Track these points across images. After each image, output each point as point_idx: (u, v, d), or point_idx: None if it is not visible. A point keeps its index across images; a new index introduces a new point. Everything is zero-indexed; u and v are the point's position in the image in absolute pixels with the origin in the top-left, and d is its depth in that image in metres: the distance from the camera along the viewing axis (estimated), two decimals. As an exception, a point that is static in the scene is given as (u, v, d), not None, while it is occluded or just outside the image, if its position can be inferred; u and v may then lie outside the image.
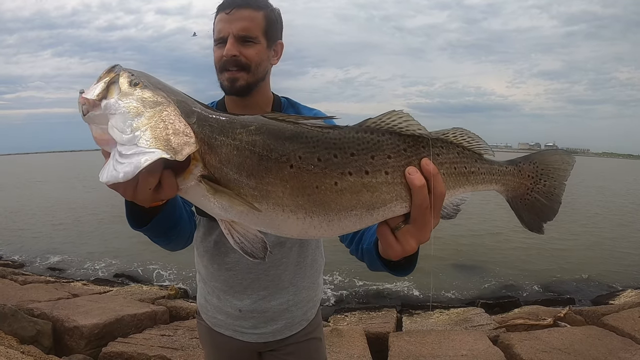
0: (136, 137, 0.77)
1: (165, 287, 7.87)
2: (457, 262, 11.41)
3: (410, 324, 6.07)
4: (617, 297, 7.92)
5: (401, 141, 0.86)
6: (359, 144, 0.84)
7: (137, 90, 0.83)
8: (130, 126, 0.78)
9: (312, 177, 0.81)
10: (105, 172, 0.76)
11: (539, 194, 1.03)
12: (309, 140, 0.83)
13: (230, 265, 1.59)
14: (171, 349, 4.26)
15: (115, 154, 0.77)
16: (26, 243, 13.75)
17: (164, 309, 5.74)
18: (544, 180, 1.03)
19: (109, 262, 11.59)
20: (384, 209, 0.86)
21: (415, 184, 0.83)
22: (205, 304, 1.73)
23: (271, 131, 0.83)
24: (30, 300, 5.53)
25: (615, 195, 28.65)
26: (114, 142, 0.78)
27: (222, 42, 1.45)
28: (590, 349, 4.31)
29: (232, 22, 1.42)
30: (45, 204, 22.11)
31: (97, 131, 0.83)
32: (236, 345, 1.69)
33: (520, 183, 1.02)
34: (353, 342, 4.52)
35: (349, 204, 0.83)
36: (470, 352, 4.31)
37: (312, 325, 1.77)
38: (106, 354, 4.25)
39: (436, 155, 0.88)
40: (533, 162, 1.02)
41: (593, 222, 17.64)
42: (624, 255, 12.31)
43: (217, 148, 0.81)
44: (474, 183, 0.96)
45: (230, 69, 1.45)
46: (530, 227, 1.06)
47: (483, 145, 0.95)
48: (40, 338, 4.42)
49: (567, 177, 1.05)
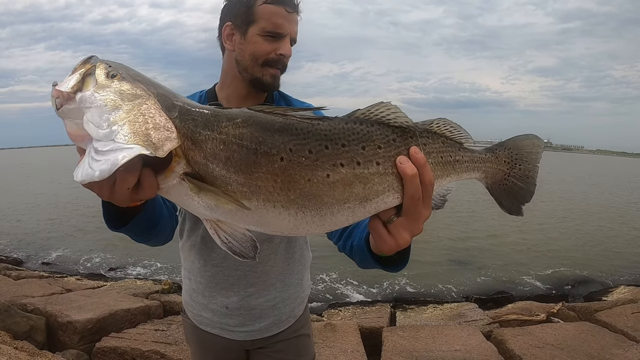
0: (113, 132, 0.71)
1: (159, 281, 7.82)
2: (451, 257, 11.45)
3: (404, 319, 6.09)
4: (610, 293, 7.95)
5: (390, 132, 0.86)
6: (349, 134, 0.82)
7: (115, 83, 0.77)
8: (107, 120, 0.73)
9: (304, 170, 0.79)
10: (80, 171, 0.70)
11: (516, 178, 1.05)
12: (299, 132, 0.80)
13: (217, 261, 1.57)
14: (165, 344, 4.25)
15: (90, 151, 0.72)
16: (19, 238, 13.71)
17: (157, 304, 5.74)
18: (519, 164, 1.05)
19: (103, 257, 11.57)
20: (376, 200, 0.84)
21: (407, 173, 0.82)
22: (190, 301, 1.70)
23: (259, 123, 0.80)
24: (24, 296, 5.50)
25: (609, 193, 28.76)
26: (89, 138, 0.73)
27: (275, 36, 1.41)
28: (583, 345, 4.34)
29: (292, 23, 1.41)
30: (37, 199, 22.01)
31: (72, 126, 0.77)
32: (222, 344, 1.67)
33: (498, 169, 1.04)
34: (347, 337, 4.53)
35: (341, 197, 0.81)
36: (464, 347, 4.32)
37: (300, 322, 1.74)
38: (100, 349, 4.24)
39: (423, 145, 0.89)
40: (507, 148, 1.04)
41: (587, 219, 17.73)
42: (617, 252, 12.40)
43: (201, 143, 0.77)
44: (459, 172, 0.97)
45: (277, 66, 1.44)
46: (509, 210, 1.07)
47: (464, 134, 0.97)
48: (33, 333, 4.41)
49: (539, 159, 1.07)
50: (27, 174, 42.48)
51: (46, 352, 3.93)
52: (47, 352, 3.95)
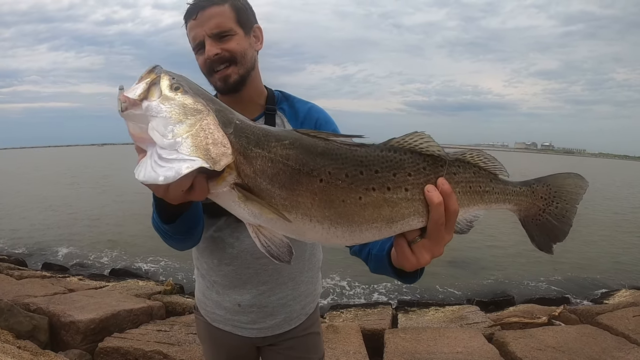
0: (177, 143, 0.80)
1: (162, 282, 7.86)
2: (453, 260, 11.44)
3: (406, 321, 6.10)
4: (612, 296, 7.97)
5: (421, 160, 0.91)
6: (382, 162, 0.89)
7: (179, 96, 0.85)
8: (171, 131, 0.81)
9: (340, 192, 0.86)
10: (142, 171, 0.80)
11: (551, 215, 1.06)
12: (338, 157, 0.88)
13: (230, 260, 1.59)
14: (167, 344, 4.26)
15: (153, 155, 0.81)
16: (22, 238, 13.75)
17: (160, 305, 5.75)
18: (556, 202, 1.06)
19: (105, 257, 11.61)
20: (402, 222, 0.91)
21: (434, 201, 0.88)
22: (203, 299, 1.73)
23: (304, 146, 0.88)
24: (27, 295, 5.52)
25: (611, 197, 28.72)
26: (151, 142, 0.82)
27: (200, 47, 1.47)
28: (585, 348, 4.34)
29: (203, 24, 1.44)
30: (39, 200, 22.02)
31: (135, 129, 0.85)
32: (235, 340, 1.70)
33: (532, 204, 1.06)
34: (349, 339, 4.55)
35: (370, 217, 0.88)
36: (466, 349, 4.33)
37: (310, 319, 1.78)
38: (102, 349, 4.25)
39: (453, 174, 0.94)
40: (547, 185, 1.06)
41: (589, 222, 17.70)
42: (618, 255, 12.40)
43: (252, 159, 0.85)
44: (487, 202, 1.01)
45: (217, 68, 1.47)
46: (540, 246, 1.09)
47: (498, 166, 1.00)
48: (36, 333, 4.42)
49: (579, 200, 1.08)
50: (30, 174, 42.54)
51: (49, 352, 3.94)
52: (50, 352, 3.97)
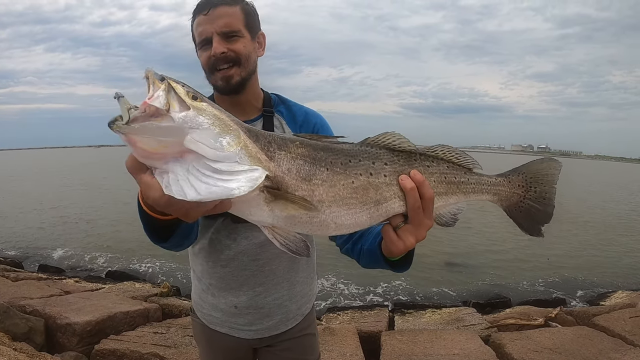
0: (235, 154, 0.83)
1: (158, 284, 7.85)
2: (450, 262, 11.51)
3: (403, 323, 6.11)
4: (608, 298, 8.03)
5: (394, 154, 1.05)
6: (363, 153, 1.02)
7: (205, 105, 0.86)
8: (223, 143, 0.82)
9: (339, 177, 0.97)
10: (189, 187, 0.78)
11: (532, 200, 1.16)
12: (333, 150, 1.00)
13: (226, 262, 1.60)
14: (164, 347, 4.25)
15: (200, 169, 0.80)
16: (17, 240, 13.75)
17: (156, 307, 5.74)
18: (534, 187, 1.16)
19: (101, 259, 11.63)
20: (386, 205, 1.02)
21: (406, 186, 1.00)
22: (200, 301, 1.73)
23: (310, 144, 0.98)
24: (23, 297, 5.50)
25: (607, 199, 28.82)
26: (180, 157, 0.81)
27: (206, 43, 1.47)
28: (581, 349, 4.36)
29: (213, 21, 1.44)
30: (35, 202, 22.04)
31: (150, 144, 0.80)
32: (231, 342, 1.70)
33: (512, 192, 1.16)
34: (345, 341, 4.55)
35: (362, 199, 0.99)
36: (462, 351, 4.34)
37: (307, 320, 1.79)
38: (99, 351, 4.23)
39: (427, 167, 1.07)
40: (522, 173, 1.16)
41: (586, 224, 17.78)
42: (615, 257, 12.48)
43: (279, 161, 0.92)
44: (465, 192, 1.11)
45: (221, 67, 1.48)
46: (529, 232, 1.18)
47: (471, 161, 1.12)
48: (32, 335, 4.41)
49: (556, 180, 1.18)
50: (26, 176, 42.48)
51: (45, 354, 3.93)
52: (46, 354, 3.95)
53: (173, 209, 0.86)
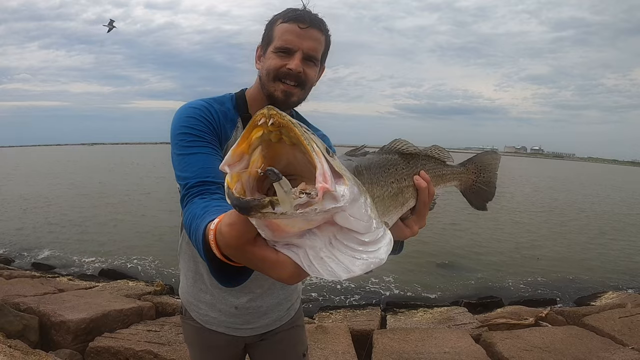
0: (374, 220, 0.67)
1: (151, 283, 7.86)
2: (442, 262, 11.55)
3: (394, 322, 6.16)
4: (599, 298, 8.04)
5: (405, 158, 1.14)
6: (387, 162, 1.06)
7: (340, 163, 0.66)
8: (369, 214, 0.66)
9: (382, 190, 0.96)
10: (332, 265, 0.64)
11: (481, 183, 1.43)
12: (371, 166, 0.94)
13: None
14: (158, 344, 4.28)
15: (348, 244, 0.65)
16: (10, 238, 13.68)
17: (150, 305, 5.75)
18: (482, 173, 1.44)
19: (95, 258, 11.57)
20: (407, 204, 1.12)
21: (422, 186, 1.11)
22: (194, 301, 1.75)
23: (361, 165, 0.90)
24: (17, 295, 5.52)
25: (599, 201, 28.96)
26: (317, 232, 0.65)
27: (285, 52, 1.47)
28: (571, 348, 4.42)
29: (304, 39, 1.46)
30: (28, 199, 21.89)
31: (297, 224, 0.63)
32: (225, 341, 1.75)
33: (468, 178, 1.41)
34: (338, 339, 4.59)
35: (396, 203, 1.04)
36: (453, 349, 4.39)
37: (297, 314, 1.91)
38: (93, 349, 4.26)
39: (424, 165, 1.19)
40: (474, 162, 1.43)
41: (577, 225, 17.89)
42: (606, 258, 12.54)
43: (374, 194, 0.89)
44: (444, 182, 1.31)
45: (287, 82, 1.48)
46: (477, 207, 1.46)
47: (447, 156, 1.31)
48: (26, 333, 4.43)
49: (497, 169, 1.48)
50: (18, 173, 42.23)
51: (39, 351, 3.92)
52: (41, 351, 3.95)
53: (297, 281, 0.71)
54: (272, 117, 0.60)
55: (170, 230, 14.20)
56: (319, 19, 1.49)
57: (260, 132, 0.62)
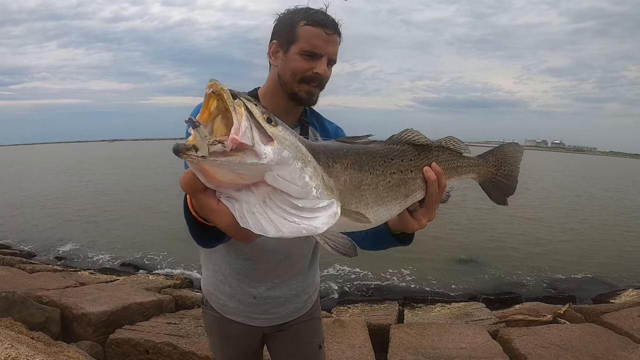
0: (315, 188, 0.77)
1: (171, 276, 7.95)
2: (460, 258, 11.52)
3: (412, 317, 6.16)
4: (618, 296, 7.94)
5: (416, 149, 1.16)
6: (393, 152, 1.11)
7: (281, 131, 0.77)
8: (305, 178, 0.77)
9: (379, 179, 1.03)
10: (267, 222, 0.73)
11: (502, 176, 1.40)
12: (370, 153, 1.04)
13: (249, 255, 1.70)
14: (177, 337, 4.34)
15: (280, 204, 0.74)
16: (33, 233, 13.95)
17: (169, 298, 5.83)
18: (504, 166, 1.40)
19: (114, 252, 11.80)
20: (412, 196, 1.14)
21: (431, 179, 1.14)
22: (215, 292, 1.82)
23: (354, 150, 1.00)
24: (39, 288, 5.61)
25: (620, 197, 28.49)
26: (255, 187, 0.75)
27: (313, 56, 1.53)
28: (588, 346, 4.38)
29: (329, 44, 1.54)
30: (49, 195, 22.30)
31: (227, 175, 0.73)
32: (244, 330, 1.82)
33: (487, 170, 1.38)
34: (355, 333, 4.61)
35: (396, 195, 1.08)
36: (469, 345, 4.39)
37: (314, 306, 1.96)
38: (113, 341, 4.34)
39: (437, 156, 1.20)
40: (495, 155, 1.40)
41: (598, 222, 17.65)
42: (627, 255, 12.36)
43: (337, 175, 0.91)
44: (459, 174, 1.30)
45: (312, 84, 1.56)
46: (497, 201, 1.42)
47: (463, 147, 1.29)
48: (48, 325, 4.51)
49: (519, 162, 1.44)
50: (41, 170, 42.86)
51: (61, 343, 4.00)
52: (62, 343, 4.03)
53: (239, 235, 0.83)
54: (211, 87, 0.71)
55: None
56: (337, 23, 1.57)
57: (215, 103, 0.72)
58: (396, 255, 10.73)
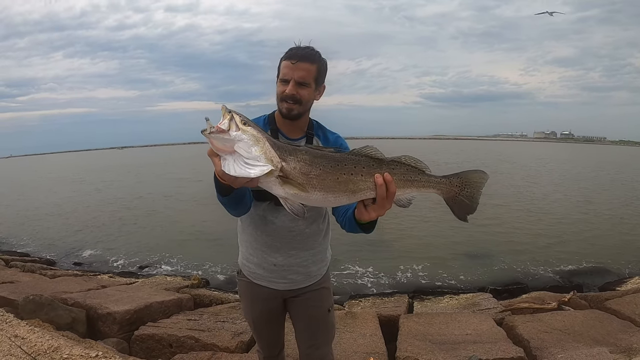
0: (258, 157, 1.43)
1: (188, 277, 8.18)
2: (469, 250, 11.62)
3: (421, 308, 6.37)
4: (624, 284, 8.02)
5: (371, 160, 1.62)
6: (349, 160, 1.60)
7: (249, 128, 1.45)
8: (252, 150, 1.43)
9: (329, 175, 1.56)
10: (233, 169, 1.41)
11: (464, 197, 1.72)
12: (327, 157, 1.58)
13: (270, 232, 2.19)
14: (198, 331, 4.58)
15: (238, 161, 1.42)
16: (50, 241, 14.25)
17: (188, 297, 6.08)
18: (467, 188, 1.72)
19: (131, 256, 12.08)
20: (360, 193, 1.61)
21: (378, 183, 1.58)
22: (247, 263, 2.33)
23: (311, 152, 1.57)
24: (63, 292, 5.83)
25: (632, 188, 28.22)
26: (231, 153, 1.43)
27: (284, 81, 2.03)
28: (590, 330, 4.54)
29: (294, 71, 2.00)
30: (63, 205, 22.58)
31: (219, 144, 1.42)
32: (269, 294, 2.30)
33: (450, 189, 1.70)
34: (366, 323, 4.84)
35: (344, 189, 1.59)
36: (475, 331, 4.58)
37: (323, 278, 2.40)
38: (138, 337, 4.58)
39: (392, 169, 1.62)
40: (460, 177, 1.72)
41: (606, 211, 17.59)
42: (634, 243, 12.31)
43: (289, 162, 1.51)
44: (417, 187, 1.67)
45: (288, 101, 2.04)
46: (458, 217, 1.76)
47: (424, 166, 1.68)
48: (75, 325, 4.74)
49: (482, 187, 1.75)
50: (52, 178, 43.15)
51: (90, 340, 4.23)
52: (91, 340, 4.25)
53: (226, 177, 1.47)
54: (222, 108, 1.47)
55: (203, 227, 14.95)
56: (309, 53, 2.02)
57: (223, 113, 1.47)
58: (408, 254, 11.12)
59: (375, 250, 11.58)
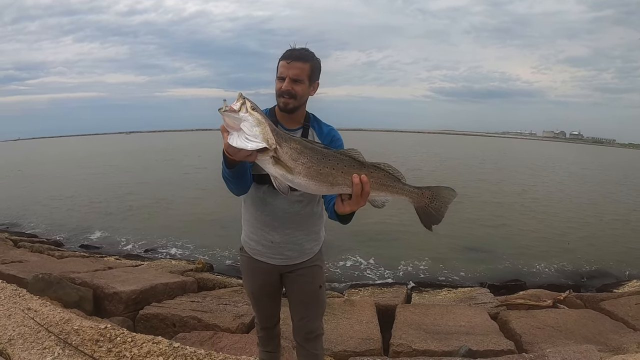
0: (257, 135, 1.66)
1: (193, 261, 8.38)
2: (469, 246, 11.76)
3: (419, 299, 6.50)
4: (622, 286, 8.07)
5: (353, 161, 1.84)
6: (333, 156, 1.83)
7: (255, 113, 1.68)
8: (253, 129, 1.67)
9: (313, 164, 1.79)
10: (236, 142, 1.65)
11: (432, 208, 1.93)
12: (315, 149, 1.82)
13: (269, 212, 2.38)
14: (201, 312, 4.74)
15: (241, 136, 1.65)
16: (57, 224, 14.50)
17: (192, 280, 6.25)
18: (435, 201, 1.93)
19: (137, 240, 12.30)
20: (338, 187, 1.84)
21: (354, 182, 1.80)
22: (248, 240, 2.52)
23: (302, 143, 1.80)
24: (71, 271, 6.00)
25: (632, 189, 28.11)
26: (238, 129, 1.66)
27: (281, 79, 2.23)
28: (582, 329, 4.66)
29: (289, 69, 2.21)
30: (71, 187, 22.86)
31: (230, 121, 1.66)
32: (267, 268, 2.49)
33: (421, 200, 1.92)
34: (363, 311, 4.98)
35: (325, 180, 1.81)
36: (468, 323, 4.71)
37: (316, 256, 2.58)
38: (143, 316, 4.74)
39: (371, 173, 1.84)
40: (431, 190, 1.93)
41: (607, 213, 17.59)
42: (634, 246, 12.38)
43: (283, 147, 1.74)
44: (390, 192, 1.89)
45: (284, 96, 2.24)
46: (425, 225, 1.98)
47: (400, 175, 1.91)
48: (82, 303, 4.88)
49: (450, 203, 1.96)
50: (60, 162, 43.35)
51: (96, 317, 4.38)
52: (97, 317, 4.40)
53: (230, 150, 1.71)
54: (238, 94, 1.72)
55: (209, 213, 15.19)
56: (303, 54, 2.23)
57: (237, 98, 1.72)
58: (411, 248, 11.27)
59: (378, 242, 11.74)
